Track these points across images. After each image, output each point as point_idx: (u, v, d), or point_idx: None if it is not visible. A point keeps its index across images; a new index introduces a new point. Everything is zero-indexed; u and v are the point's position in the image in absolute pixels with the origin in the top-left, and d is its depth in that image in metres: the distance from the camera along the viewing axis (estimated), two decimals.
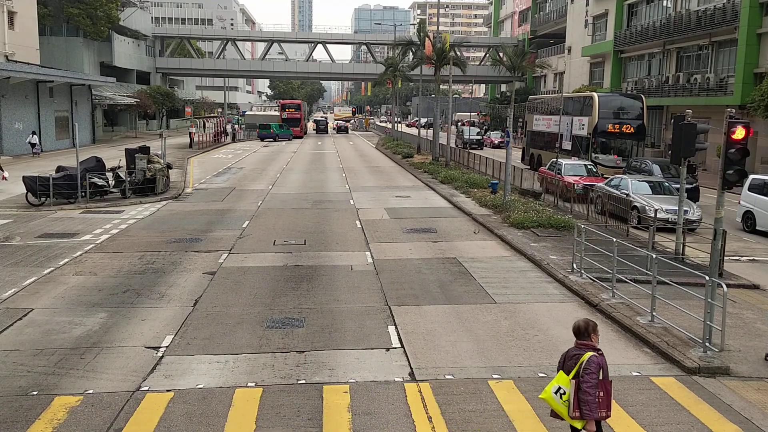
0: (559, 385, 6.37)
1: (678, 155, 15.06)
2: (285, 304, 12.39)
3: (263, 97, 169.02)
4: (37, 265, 14.93)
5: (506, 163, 23.83)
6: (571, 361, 6.45)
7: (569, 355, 6.52)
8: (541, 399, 6.62)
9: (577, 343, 6.55)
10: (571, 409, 6.26)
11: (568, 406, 6.28)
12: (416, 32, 49.98)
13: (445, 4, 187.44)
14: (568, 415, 6.29)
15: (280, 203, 24.82)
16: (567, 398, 6.30)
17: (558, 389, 6.36)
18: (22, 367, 9.33)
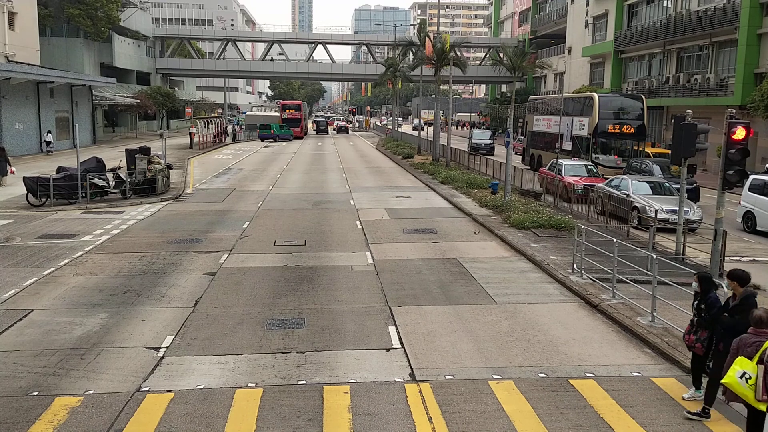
0: (744, 370, 6.69)
1: (678, 155, 15.07)
2: (285, 304, 12.39)
3: (263, 97, 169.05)
4: (37, 265, 14.93)
5: (506, 163, 23.84)
6: (750, 348, 6.83)
7: (746, 342, 6.92)
8: (724, 384, 6.83)
9: (757, 331, 6.99)
10: (759, 392, 6.57)
11: (755, 389, 6.59)
12: (416, 33, 50.01)
13: (445, 5, 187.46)
14: (755, 398, 6.61)
15: (280, 204, 24.83)
16: (753, 382, 6.60)
17: (743, 374, 6.68)
18: (22, 367, 9.33)
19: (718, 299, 8.11)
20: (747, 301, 7.81)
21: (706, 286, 8.15)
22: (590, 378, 9.27)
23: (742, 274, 8.01)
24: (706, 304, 8.09)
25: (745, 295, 7.87)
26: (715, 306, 7.98)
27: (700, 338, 8.14)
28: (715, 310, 7.99)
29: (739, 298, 7.92)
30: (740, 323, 7.67)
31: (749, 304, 7.76)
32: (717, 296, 8.14)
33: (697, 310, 8.22)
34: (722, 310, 8.01)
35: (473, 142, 51.20)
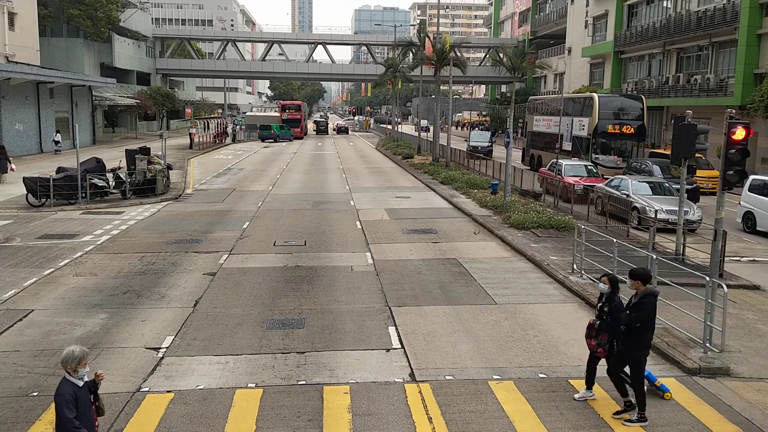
0: None
1: (678, 156, 15.07)
2: (285, 304, 12.39)
3: (263, 98, 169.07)
4: (37, 266, 14.93)
5: (506, 163, 23.84)
6: None
7: None
8: None
9: None
10: None
11: None
12: (416, 33, 49.99)
13: (445, 5, 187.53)
14: None
15: (280, 204, 24.83)
16: None
17: None
18: (22, 368, 9.33)
19: (622, 304, 8.10)
20: (646, 299, 7.86)
21: (614, 287, 8.14)
22: None
23: (643, 273, 8.07)
24: (610, 308, 8.08)
25: (644, 294, 7.91)
26: (618, 311, 7.99)
27: (601, 342, 8.11)
28: (617, 315, 7.99)
29: (638, 297, 7.94)
30: (638, 319, 7.77)
31: (648, 303, 7.83)
32: (621, 301, 8.14)
33: (600, 312, 8.22)
34: (623, 310, 8.04)
35: (471, 145, 47.62)
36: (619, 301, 8.17)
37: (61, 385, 5.85)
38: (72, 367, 5.86)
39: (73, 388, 5.83)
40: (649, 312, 7.89)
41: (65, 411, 5.72)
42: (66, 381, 5.87)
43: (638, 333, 7.88)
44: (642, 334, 7.90)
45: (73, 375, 5.87)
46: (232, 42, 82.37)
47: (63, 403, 5.73)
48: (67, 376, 5.88)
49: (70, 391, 5.81)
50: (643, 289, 7.95)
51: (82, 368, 5.86)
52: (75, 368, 5.85)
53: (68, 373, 5.87)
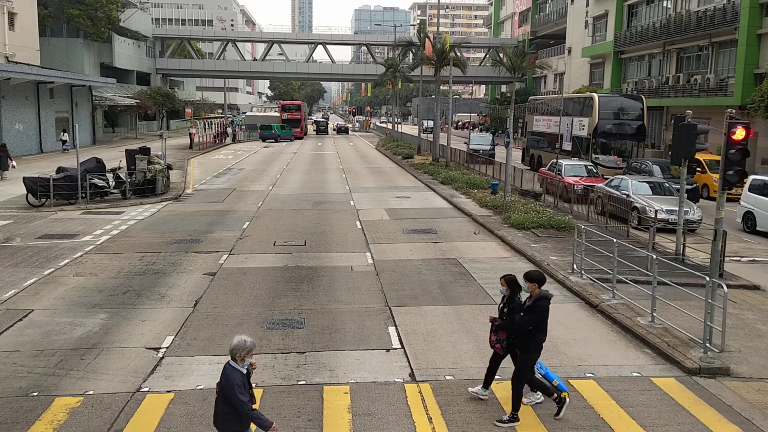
0: None
1: (678, 156, 15.07)
2: (285, 304, 12.39)
3: (263, 98, 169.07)
4: (37, 266, 14.93)
5: (506, 163, 23.84)
6: None
7: None
8: None
9: None
10: None
11: None
12: (416, 33, 49.97)
13: (445, 5, 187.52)
14: None
15: (280, 204, 24.83)
16: None
17: None
18: (22, 368, 9.33)
19: (521, 305, 8.08)
20: (539, 302, 7.83)
21: (513, 288, 8.11)
22: (590, 378, 9.28)
23: (538, 276, 8.03)
24: (509, 308, 8.07)
25: (538, 296, 7.87)
26: (516, 311, 7.97)
27: (500, 339, 8.10)
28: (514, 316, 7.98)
29: (532, 300, 7.91)
30: (530, 322, 7.76)
31: (540, 306, 7.81)
32: (520, 301, 8.11)
33: (500, 313, 8.21)
34: (519, 311, 8.02)
35: (471, 148, 43.64)
36: (519, 302, 8.12)
37: (230, 371, 6.16)
38: (240, 356, 6.20)
39: (240, 374, 6.16)
40: (541, 315, 7.83)
41: (239, 395, 6.08)
42: (233, 367, 6.18)
43: (530, 335, 7.84)
44: (534, 337, 7.85)
45: (239, 363, 6.20)
46: (232, 42, 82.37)
47: (236, 387, 6.07)
48: (232, 362, 6.20)
49: (239, 377, 6.14)
50: (538, 292, 7.90)
51: (249, 358, 6.21)
52: (243, 357, 6.20)
53: (235, 360, 6.20)
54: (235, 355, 6.15)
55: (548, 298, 7.96)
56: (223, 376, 6.18)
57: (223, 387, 6.16)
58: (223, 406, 6.16)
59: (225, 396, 6.12)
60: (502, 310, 8.22)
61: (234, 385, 6.06)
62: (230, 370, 6.17)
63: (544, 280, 8.09)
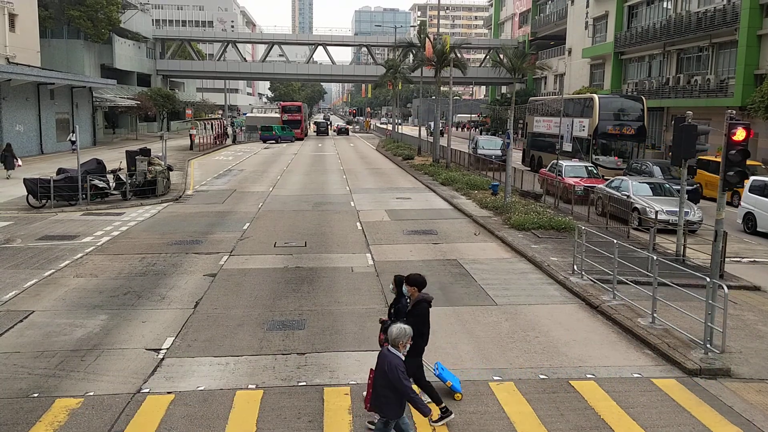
0: None
1: (679, 157, 15.06)
2: (286, 305, 12.39)
3: (263, 99, 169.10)
4: (37, 267, 14.93)
5: (506, 164, 23.84)
6: None
7: None
8: None
9: None
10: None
11: None
12: (417, 34, 49.99)
13: (445, 6, 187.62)
14: None
15: (280, 205, 24.83)
16: None
17: None
18: (22, 369, 9.33)
19: (407, 306, 8.03)
20: (418, 305, 7.77)
21: (399, 289, 8.07)
22: (591, 379, 9.27)
23: (418, 279, 7.93)
24: (395, 309, 8.02)
25: (417, 300, 7.81)
26: (402, 313, 7.92)
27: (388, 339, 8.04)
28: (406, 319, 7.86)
29: (412, 303, 7.85)
30: (412, 325, 7.49)
31: (420, 309, 7.74)
32: (407, 303, 8.05)
33: (389, 314, 8.15)
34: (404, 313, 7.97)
35: (480, 153, 39.14)
36: (405, 303, 8.06)
37: (393, 357, 6.48)
38: (403, 343, 6.53)
39: (401, 360, 6.50)
40: (421, 318, 7.75)
41: (404, 381, 6.42)
42: (394, 354, 6.50)
43: (412, 340, 7.65)
44: (416, 342, 7.62)
45: (400, 350, 6.53)
46: (232, 43, 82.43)
47: (400, 373, 6.40)
48: (392, 349, 6.54)
49: (402, 363, 6.48)
50: (418, 296, 7.84)
51: (409, 344, 6.60)
52: (405, 344, 6.54)
53: (396, 347, 6.53)
54: (398, 342, 6.51)
55: (428, 301, 7.86)
56: (384, 362, 6.49)
57: (385, 372, 6.45)
58: (385, 390, 6.51)
59: (388, 380, 6.43)
60: (389, 311, 8.14)
61: (399, 371, 6.39)
62: (393, 356, 6.48)
63: (424, 284, 7.96)
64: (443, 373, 8.62)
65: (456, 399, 8.45)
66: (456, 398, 8.46)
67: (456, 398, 8.46)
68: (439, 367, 8.67)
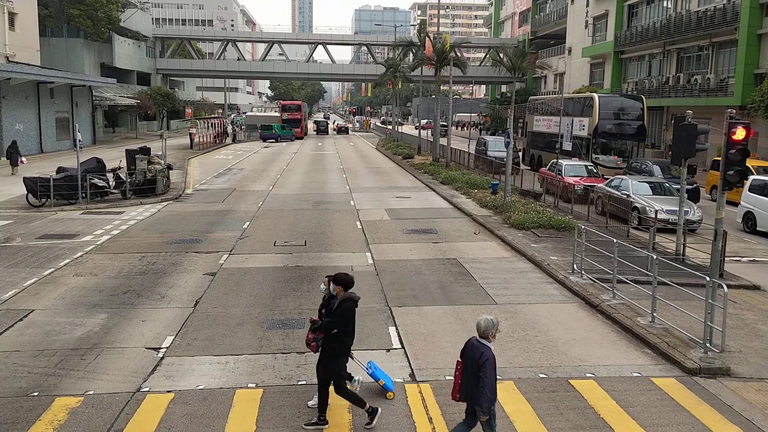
0: None
1: (678, 156, 15.06)
2: (285, 304, 12.39)
3: (263, 98, 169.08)
4: (37, 266, 14.93)
5: (506, 164, 23.83)
6: None
7: None
8: None
9: None
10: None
11: None
12: (417, 33, 49.99)
13: (445, 5, 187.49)
14: None
15: (280, 204, 24.83)
16: None
17: None
18: (22, 368, 9.33)
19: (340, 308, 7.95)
20: (343, 305, 7.69)
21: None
22: (590, 378, 9.27)
23: (344, 279, 7.82)
24: (326, 309, 7.96)
25: (343, 299, 7.73)
26: (335, 313, 7.81)
27: (317, 338, 7.91)
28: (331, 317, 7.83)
29: (337, 302, 7.78)
30: (333, 325, 7.64)
31: (344, 308, 7.67)
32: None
33: (319, 313, 8.11)
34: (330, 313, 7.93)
35: (491, 155, 35.96)
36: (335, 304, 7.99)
37: (485, 348, 6.74)
38: (492, 333, 6.76)
39: (491, 352, 6.73)
40: (345, 317, 7.67)
41: (494, 373, 6.68)
42: (486, 345, 6.75)
43: (336, 339, 7.70)
44: (340, 341, 7.71)
45: (490, 340, 6.77)
46: (232, 42, 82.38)
47: (493, 366, 6.68)
48: (482, 340, 6.78)
49: (493, 355, 6.71)
50: (344, 295, 7.77)
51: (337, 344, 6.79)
52: (494, 334, 6.76)
53: (485, 338, 6.76)
54: (487, 333, 6.73)
55: (354, 300, 7.78)
56: (476, 353, 6.73)
57: (476, 361, 6.69)
58: (475, 379, 6.73)
59: (479, 369, 6.66)
60: (320, 311, 8.11)
61: (493, 362, 6.67)
62: (485, 347, 6.74)
63: (350, 283, 7.86)
64: (376, 372, 8.53)
65: (388, 398, 8.38)
66: (388, 397, 8.39)
67: (388, 397, 8.39)
68: (372, 366, 8.59)
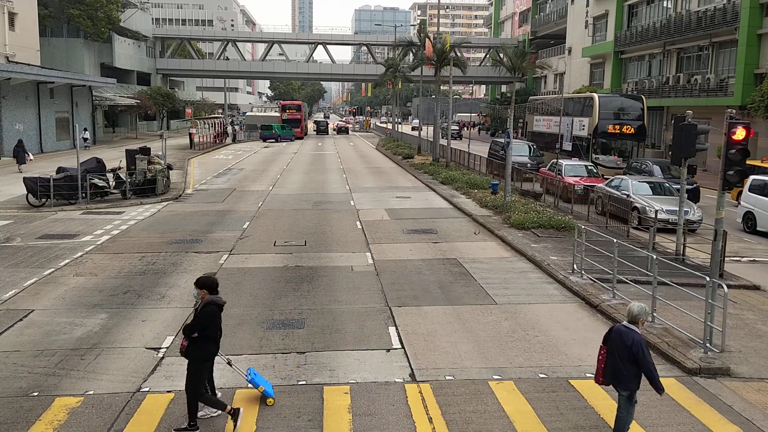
0: None
1: (678, 156, 15.06)
2: (285, 305, 12.39)
3: (263, 98, 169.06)
4: (37, 266, 14.93)
5: (506, 164, 23.83)
6: None
7: None
8: None
9: None
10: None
11: None
12: (416, 33, 49.99)
13: (445, 5, 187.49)
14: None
15: (280, 204, 24.83)
16: None
17: None
18: (22, 368, 9.33)
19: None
20: (205, 308, 7.60)
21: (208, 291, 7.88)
22: (590, 378, 9.25)
23: (208, 282, 7.75)
24: (196, 313, 7.82)
25: (206, 302, 7.64)
26: (196, 317, 7.71)
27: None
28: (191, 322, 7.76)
29: (200, 306, 7.70)
30: (192, 329, 7.53)
31: (206, 312, 7.56)
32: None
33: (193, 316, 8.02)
34: None
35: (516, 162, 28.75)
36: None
37: (636, 334, 6.93)
38: (642, 320, 7.02)
39: (641, 336, 6.94)
40: (208, 321, 7.56)
41: (648, 356, 6.93)
42: (635, 330, 6.97)
43: (199, 343, 7.58)
44: (201, 346, 7.61)
45: (640, 326, 7.02)
46: (232, 42, 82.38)
47: (646, 349, 6.94)
48: (630, 325, 7.03)
49: (643, 338, 6.90)
50: (207, 298, 7.70)
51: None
52: (644, 321, 7.04)
53: (636, 324, 7.02)
54: (638, 319, 6.96)
55: (217, 304, 7.67)
56: (626, 338, 6.93)
57: (627, 347, 6.89)
58: (626, 363, 6.93)
59: (630, 354, 6.87)
60: (194, 313, 8.01)
61: (645, 347, 6.86)
62: (633, 332, 6.92)
63: (214, 286, 7.78)
64: (255, 379, 8.34)
65: (268, 404, 8.20)
66: (268, 403, 8.21)
67: (268, 403, 8.21)
68: (252, 373, 8.43)
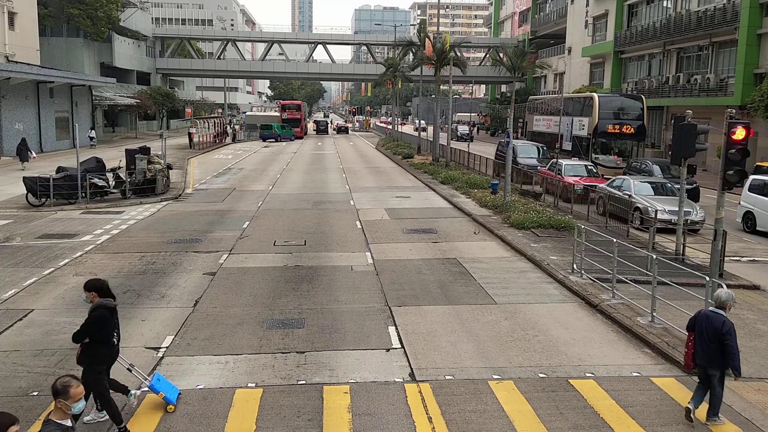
0: None
1: (678, 156, 15.06)
2: (285, 304, 12.39)
3: (263, 97, 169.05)
4: (37, 265, 14.93)
5: (506, 163, 23.83)
6: None
7: None
8: None
9: None
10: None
11: None
12: (416, 33, 49.96)
13: (445, 5, 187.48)
14: None
15: (280, 204, 24.83)
16: None
17: None
18: (22, 367, 9.33)
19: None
20: (93, 312, 7.46)
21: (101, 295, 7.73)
22: (590, 378, 9.27)
23: (97, 284, 7.61)
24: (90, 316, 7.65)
25: (95, 305, 7.51)
26: (85, 322, 7.54)
27: None
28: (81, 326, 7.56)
29: (90, 308, 7.56)
30: (82, 333, 7.38)
31: (95, 316, 7.41)
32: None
33: None
34: None
35: (521, 163, 30.49)
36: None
37: (727, 319, 7.25)
38: (730, 305, 7.42)
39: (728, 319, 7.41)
40: (97, 325, 7.39)
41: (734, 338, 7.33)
42: (722, 314, 7.29)
43: (90, 348, 7.45)
44: (93, 350, 7.47)
45: (726, 311, 7.31)
46: (232, 42, 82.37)
47: (735, 332, 7.34)
48: (716, 310, 7.37)
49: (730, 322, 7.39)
50: (97, 301, 7.56)
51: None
52: (731, 306, 7.44)
53: (724, 309, 7.35)
54: (725, 305, 7.19)
55: (107, 307, 7.52)
56: (715, 323, 7.38)
57: (716, 329, 7.36)
58: (716, 345, 7.40)
59: (721, 337, 7.30)
60: None
61: (734, 331, 7.23)
62: (724, 317, 7.34)
63: (103, 289, 7.64)
64: (156, 385, 8.16)
65: (169, 411, 8.04)
66: (168, 410, 8.05)
67: (168, 410, 8.05)
68: (156, 378, 8.28)
